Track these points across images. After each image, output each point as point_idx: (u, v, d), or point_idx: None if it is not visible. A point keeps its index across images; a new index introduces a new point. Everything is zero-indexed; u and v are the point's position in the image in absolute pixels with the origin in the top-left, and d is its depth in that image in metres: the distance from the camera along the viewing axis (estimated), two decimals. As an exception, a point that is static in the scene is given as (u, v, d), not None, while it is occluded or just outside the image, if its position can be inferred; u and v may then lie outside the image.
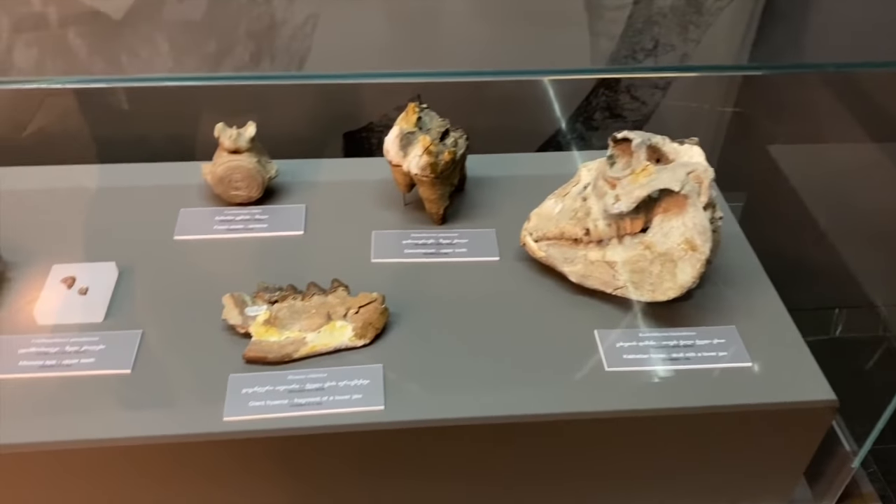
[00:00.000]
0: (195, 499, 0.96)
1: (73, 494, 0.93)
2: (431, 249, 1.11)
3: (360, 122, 1.44)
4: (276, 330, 0.96)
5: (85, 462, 0.89)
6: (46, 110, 1.34)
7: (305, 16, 1.29)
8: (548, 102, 1.45)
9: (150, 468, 0.91)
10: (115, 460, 0.89)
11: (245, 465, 0.91)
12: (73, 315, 0.99)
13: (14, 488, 0.91)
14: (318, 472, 0.94)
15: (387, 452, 0.92)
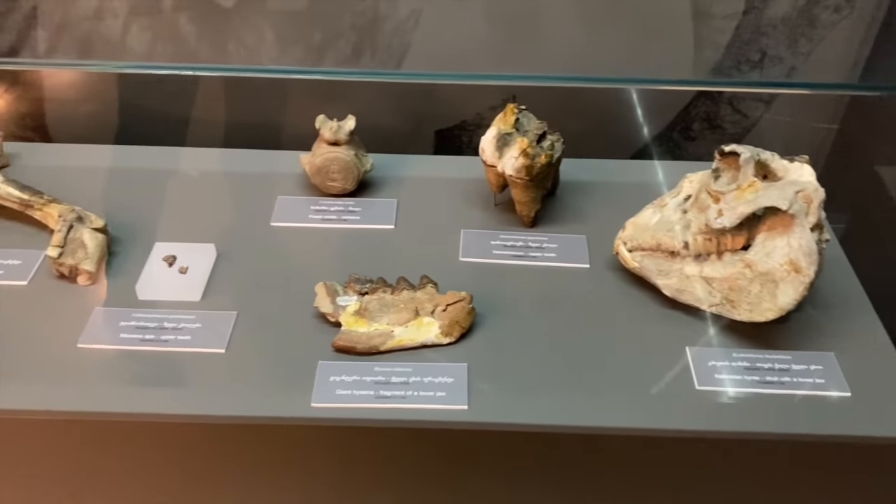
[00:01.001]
0: (275, 480, 0.98)
1: (158, 466, 0.96)
2: (520, 252, 1.11)
3: (452, 119, 1.45)
4: (366, 321, 0.98)
5: (174, 436, 0.92)
6: (152, 93, 1.40)
7: (409, 11, 1.30)
8: (644, 109, 1.42)
9: (237, 447, 0.94)
10: (205, 437, 0.92)
11: (328, 451, 0.93)
12: (172, 293, 1.02)
13: (103, 456, 0.95)
14: (399, 465, 0.95)
15: (467, 452, 0.92)
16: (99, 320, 0.98)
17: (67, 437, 0.92)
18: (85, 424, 0.90)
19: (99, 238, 1.05)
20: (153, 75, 1.35)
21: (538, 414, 0.91)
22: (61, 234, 1.03)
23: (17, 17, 1.31)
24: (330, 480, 0.97)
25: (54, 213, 1.07)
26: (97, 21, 1.30)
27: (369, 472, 0.95)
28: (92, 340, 0.96)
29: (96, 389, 0.91)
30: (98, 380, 0.92)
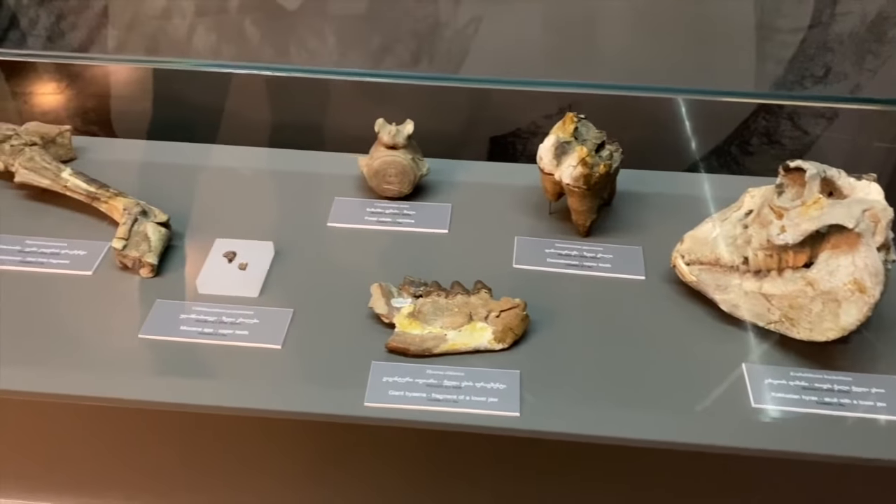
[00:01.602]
0: (324, 476, 1.00)
1: (211, 457, 0.98)
2: (575, 261, 1.10)
3: (507, 127, 1.45)
4: (419, 324, 0.98)
5: (230, 429, 0.94)
6: (215, 92, 1.43)
7: (469, 18, 1.31)
8: (701, 121, 1.41)
9: (289, 441, 0.95)
10: (259, 430, 0.94)
11: (379, 450, 0.94)
12: (231, 288, 1.04)
13: (158, 444, 0.98)
14: (448, 468, 0.95)
15: (518, 459, 0.93)
16: (160, 312, 1.00)
17: (126, 425, 0.95)
18: (144, 413, 0.92)
19: (162, 232, 1.07)
20: (217, 74, 1.38)
21: (590, 424, 0.90)
22: (126, 226, 1.06)
23: (89, 15, 1.35)
24: (378, 478, 0.98)
25: (119, 206, 1.10)
26: (165, 20, 1.34)
27: (419, 473, 0.96)
28: (153, 331, 0.98)
29: (156, 380, 0.93)
30: (158, 370, 0.94)
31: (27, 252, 1.09)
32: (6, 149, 1.17)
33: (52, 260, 1.08)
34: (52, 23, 1.35)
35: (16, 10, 1.35)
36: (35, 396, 0.92)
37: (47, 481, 1.04)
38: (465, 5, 1.29)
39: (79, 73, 1.48)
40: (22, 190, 1.18)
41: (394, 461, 0.98)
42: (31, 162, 1.15)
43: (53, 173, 1.14)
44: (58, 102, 1.46)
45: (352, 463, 0.98)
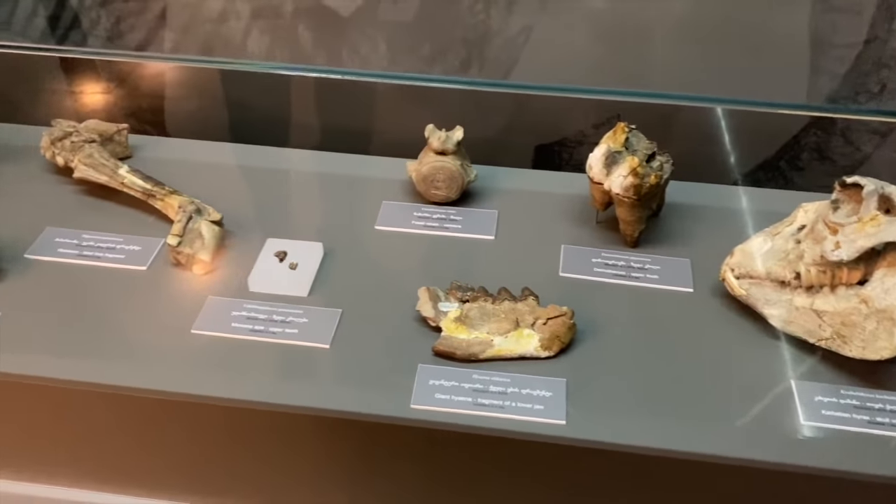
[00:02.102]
0: (366, 477, 1.01)
1: (261, 453, 1.00)
2: (622, 272, 1.10)
3: (553, 135, 1.46)
4: (466, 328, 0.99)
5: (279, 425, 0.95)
6: (267, 94, 1.45)
7: (520, 27, 1.32)
8: (751, 135, 1.40)
9: (336, 441, 0.96)
10: (306, 428, 0.95)
11: (424, 453, 0.94)
12: (281, 287, 1.06)
13: (207, 438, 0.99)
14: (491, 473, 0.95)
15: (563, 467, 0.92)
16: (212, 308, 1.02)
17: (178, 418, 0.97)
18: (196, 407, 0.94)
19: (215, 230, 1.10)
20: (270, 77, 1.40)
21: (636, 435, 0.90)
22: (181, 224, 1.08)
23: (148, 17, 1.39)
24: (421, 481, 0.99)
25: (174, 203, 1.12)
26: (220, 23, 1.37)
27: (462, 478, 0.96)
28: (205, 327, 1.00)
29: (208, 375, 0.95)
30: (210, 365, 0.96)
31: (84, 246, 1.12)
32: (66, 145, 1.21)
33: (107, 254, 1.10)
34: (112, 24, 1.39)
35: (78, 11, 1.39)
36: (88, 387, 0.95)
37: (87, 471, 1.07)
38: (517, 14, 1.30)
39: (134, 73, 1.52)
40: (80, 185, 1.22)
41: (430, 464, 0.99)
42: (89, 158, 1.18)
43: (111, 170, 1.17)
44: (114, 101, 1.50)
45: (388, 464, 0.99)
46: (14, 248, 1.11)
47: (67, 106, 1.53)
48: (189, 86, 1.49)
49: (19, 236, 1.12)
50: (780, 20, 1.29)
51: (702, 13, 1.33)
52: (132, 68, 1.54)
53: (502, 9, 1.30)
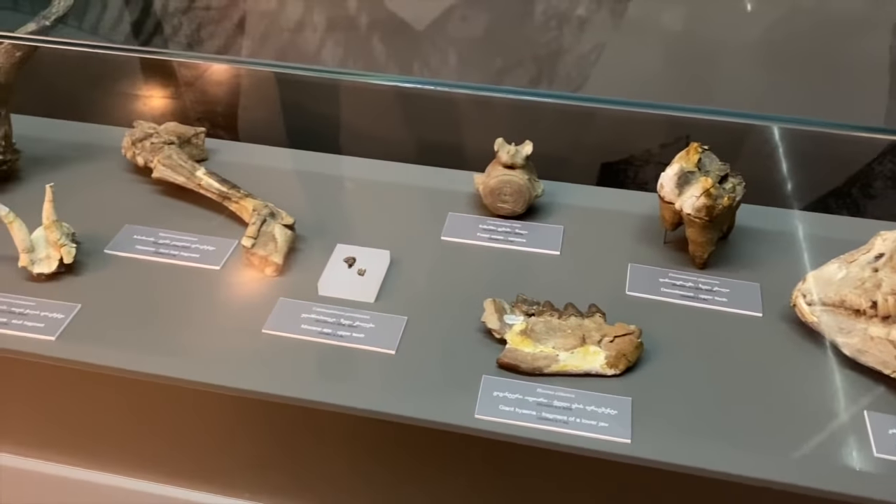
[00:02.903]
0: (422, 484, 1.01)
1: (320, 454, 1.02)
2: (690, 293, 1.09)
3: (619, 153, 1.45)
4: (531, 342, 0.99)
5: (343, 427, 0.97)
6: (339, 104, 1.48)
7: (592, 45, 1.32)
8: (822, 161, 1.37)
9: (395, 446, 0.98)
10: (370, 432, 0.97)
11: (486, 463, 0.95)
12: (349, 292, 1.08)
13: (272, 437, 1.01)
14: (550, 488, 0.95)
15: (625, 486, 0.92)
16: (283, 310, 1.05)
17: (245, 415, 0.99)
18: (264, 405, 0.96)
19: (288, 234, 1.12)
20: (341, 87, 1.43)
21: (701, 458, 0.89)
22: (255, 226, 1.11)
23: (227, 24, 1.43)
24: (480, 490, 0.99)
25: (249, 206, 1.15)
26: (297, 33, 1.41)
27: (524, 490, 0.97)
28: (276, 327, 1.02)
29: (278, 374, 0.97)
30: (280, 365, 0.98)
31: (160, 244, 1.15)
32: (147, 146, 1.25)
33: (183, 253, 1.14)
34: (192, 30, 1.44)
35: (161, 18, 1.45)
36: (160, 380, 0.97)
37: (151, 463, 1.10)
38: (590, 33, 1.31)
39: (210, 79, 1.57)
40: (158, 185, 1.26)
41: (488, 475, 0.99)
42: (168, 160, 1.22)
43: (189, 171, 1.21)
44: (190, 105, 1.55)
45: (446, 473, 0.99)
46: (94, 244, 1.15)
47: (146, 108, 1.58)
48: (263, 93, 1.53)
49: (99, 232, 1.17)
50: (859, 43, 1.27)
51: (777, 35, 1.32)
52: (208, 74, 1.59)
53: (575, 27, 1.31)
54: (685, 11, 1.37)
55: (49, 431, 1.12)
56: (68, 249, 1.09)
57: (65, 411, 1.09)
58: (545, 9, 1.30)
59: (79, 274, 1.10)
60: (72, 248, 1.09)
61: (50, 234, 1.08)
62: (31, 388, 1.10)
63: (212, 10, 1.41)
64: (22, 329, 1.02)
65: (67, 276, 1.10)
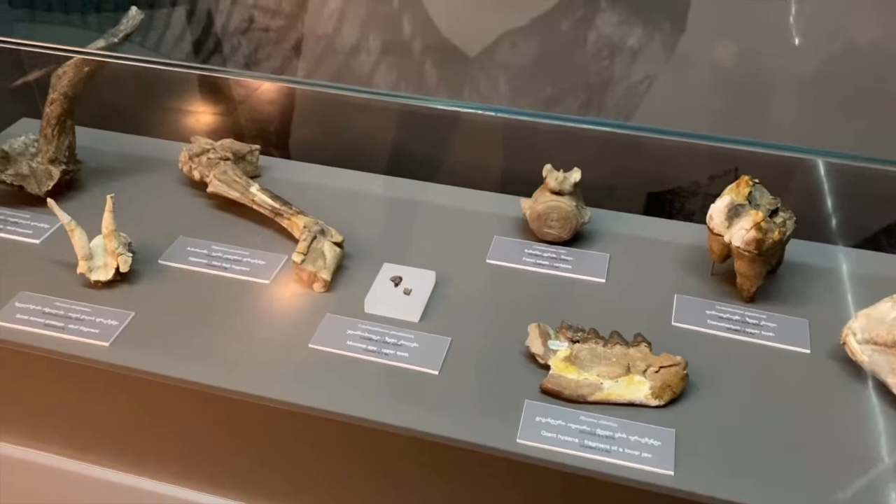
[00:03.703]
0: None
1: (365, 472, 1.02)
2: (737, 326, 1.08)
3: (666, 183, 1.45)
4: (575, 369, 0.99)
5: (384, 444, 0.98)
6: (388, 125, 1.51)
7: (643, 75, 1.33)
8: (873, 197, 1.35)
9: (435, 466, 0.98)
10: (409, 450, 0.97)
11: (527, 489, 0.94)
12: (394, 310, 1.09)
13: (314, 450, 1.02)
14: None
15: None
16: (330, 325, 1.06)
17: (288, 427, 1.00)
18: (307, 419, 0.97)
19: (337, 251, 1.14)
20: (390, 109, 1.46)
21: (745, 494, 0.87)
22: (306, 243, 1.13)
23: (285, 46, 1.47)
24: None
25: (300, 223, 1.18)
26: (352, 56, 1.44)
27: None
28: (322, 343, 1.04)
29: (323, 388, 0.98)
30: (325, 380, 0.99)
31: (213, 256, 1.18)
32: (203, 161, 1.29)
33: (234, 266, 1.16)
34: (251, 51, 1.49)
35: (221, 38, 1.49)
36: (208, 389, 1.00)
37: (192, 471, 1.11)
38: (641, 63, 1.32)
39: (263, 98, 1.61)
40: (212, 199, 1.29)
41: (525, 500, 0.99)
42: (224, 175, 1.26)
43: (243, 187, 1.24)
44: (244, 123, 1.60)
45: (482, 495, 0.99)
46: (149, 253, 1.18)
47: (199, 125, 1.63)
48: (314, 113, 1.56)
49: (154, 242, 1.20)
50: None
51: (829, 69, 1.31)
52: (262, 94, 1.63)
53: (627, 56, 1.32)
54: (737, 44, 1.37)
55: (88, 434, 1.14)
56: (125, 258, 1.12)
57: (101, 414, 1.12)
58: (597, 38, 1.31)
59: (133, 282, 1.14)
60: (128, 257, 1.13)
61: (108, 243, 1.12)
62: (72, 389, 1.12)
63: (270, 32, 1.45)
64: (78, 334, 1.05)
65: (122, 284, 1.13)
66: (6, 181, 1.25)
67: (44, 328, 1.06)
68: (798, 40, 1.34)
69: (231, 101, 1.64)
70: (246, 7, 1.43)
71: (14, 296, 1.11)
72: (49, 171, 1.28)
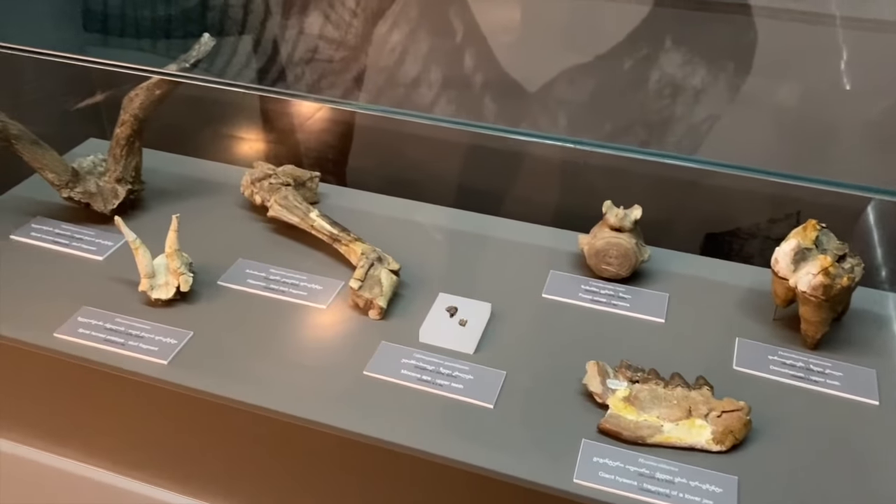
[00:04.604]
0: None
1: (408, 502, 1.01)
2: (800, 373, 1.05)
3: (725, 225, 1.43)
4: (635, 409, 0.97)
5: (435, 478, 0.96)
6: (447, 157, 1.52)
7: (705, 116, 1.32)
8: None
9: (487, 503, 0.96)
10: (462, 484, 0.95)
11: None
12: (449, 341, 1.09)
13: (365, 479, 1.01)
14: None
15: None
16: (385, 353, 1.06)
17: (340, 454, 1.00)
18: (359, 446, 0.97)
19: (393, 279, 1.14)
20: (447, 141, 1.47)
21: (812, 549, 0.85)
22: (363, 269, 1.14)
23: (347, 76, 1.50)
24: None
25: (358, 250, 1.19)
26: (413, 88, 1.46)
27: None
28: (377, 370, 1.04)
29: (377, 416, 0.98)
30: (379, 408, 0.99)
31: (271, 279, 1.19)
32: (265, 186, 1.31)
33: (291, 290, 1.17)
34: (314, 80, 1.52)
35: (286, 66, 1.53)
36: (261, 411, 1.00)
37: (240, 491, 1.11)
38: (704, 104, 1.31)
39: (323, 128, 1.64)
40: (272, 223, 1.31)
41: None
42: (284, 200, 1.27)
43: (303, 213, 1.26)
44: (303, 151, 1.62)
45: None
46: (208, 274, 1.20)
47: (253, 150, 1.66)
48: (371, 142, 1.58)
49: (214, 264, 1.22)
50: None
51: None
52: (320, 122, 1.66)
53: (689, 96, 1.31)
54: (802, 87, 1.36)
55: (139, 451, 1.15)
56: (186, 278, 1.14)
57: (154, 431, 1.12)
58: (660, 77, 1.31)
59: (193, 302, 1.15)
60: (189, 276, 1.14)
61: (171, 262, 1.14)
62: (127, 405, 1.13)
63: (333, 63, 1.48)
64: (137, 351, 1.07)
65: (182, 303, 1.15)
66: (74, 198, 1.29)
67: (104, 343, 1.08)
68: (864, 83, 1.32)
69: (289, 129, 1.67)
70: (312, 38, 1.46)
71: (77, 310, 1.13)
72: (115, 190, 1.31)
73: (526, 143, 1.47)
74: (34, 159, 1.26)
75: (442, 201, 1.38)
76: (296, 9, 1.46)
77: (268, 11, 1.49)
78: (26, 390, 1.15)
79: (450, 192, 1.51)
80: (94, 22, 1.62)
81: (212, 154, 1.52)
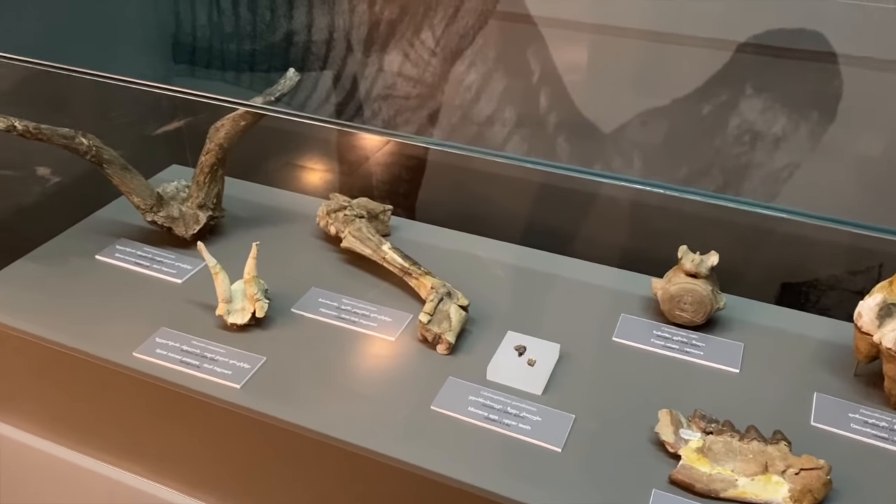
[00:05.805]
0: None
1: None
2: (884, 433, 1.01)
3: (802, 275, 1.40)
4: (708, 461, 0.94)
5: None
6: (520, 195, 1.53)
7: (785, 163, 1.30)
8: None
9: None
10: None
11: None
12: (517, 380, 1.08)
13: None
14: None
15: None
16: (452, 389, 1.06)
17: (404, 488, 1.00)
18: (424, 481, 0.96)
19: (462, 314, 1.15)
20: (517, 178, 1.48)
21: None
22: (433, 303, 1.15)
23: (423, 113, 1.53)
24: None
25: (428, 284, 1.20)
26: (486, 126, 1.48)
27: None
28: (444, 406, 1.04)
29: (444, 452, 0.98)
30: (446, 444, 0.99)
31: (343, 309, 1.21)
32: (340, 217, 1.34)
33: (362, 320, 1.19)
34: (390, 116, 1.55)
35: (363, 102, 1.57)
36: (325, 439, 1.01)
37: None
38: (784, 151, 1.29)
39: (394, 162, 1.67)
40: (344, 254, 1.33)
41: None
42: (359, 231, 1.30)
43: (375, 244, 1.28)
44: (375, 184, 1.66)
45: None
46: (283, 302, 1.23)
47: (330, 182, 1.70)
48: (443, 178, 1.61)
49: (288, 292, 1.24)
50: None
51: None
52: (391, 157, 1.70)
53: (769, 143, 1.29)
54: (885, 137, 1.32)
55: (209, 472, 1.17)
56: (262, 304, 1.17)
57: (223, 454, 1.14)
58: (739, 123, 1.30)
59: (266, 328, 1.18)
60: (265, 303, 1.17)
61: (248, 288, 1.17)
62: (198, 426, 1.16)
63: (410, 100, 1.51)
64: (212, 374, 1.09)
65: (256, 328, 1.17)
66: (158, 222, 1.34)
67: (180, 364, 1.11)
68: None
69: (362, 161, 1.70)
70: (391, 74, 1.50)
71: (155, 331, 1.17)
72: (196, 216, 1.36)
73: (597, 183, 1.46)
74: (122, 183, 1.32)
75: (511, 239, 1.39)
76: (376, 46, 1.50)
77: (349, 48, 1.53)
78: (104, 406, 1.19)
79: (519, 230, 1.51)
80: (183, 54, 1.70)
81: (287, 184, 1.56)
